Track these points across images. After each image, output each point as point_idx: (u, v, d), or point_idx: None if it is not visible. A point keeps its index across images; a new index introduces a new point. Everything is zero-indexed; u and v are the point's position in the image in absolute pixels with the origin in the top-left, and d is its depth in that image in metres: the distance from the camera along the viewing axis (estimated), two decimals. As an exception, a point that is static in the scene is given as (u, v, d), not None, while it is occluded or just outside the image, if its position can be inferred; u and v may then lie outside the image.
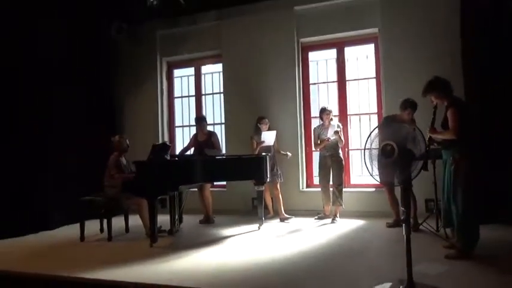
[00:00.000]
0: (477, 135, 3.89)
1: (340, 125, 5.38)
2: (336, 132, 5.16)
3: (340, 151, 5.27)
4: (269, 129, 5.56)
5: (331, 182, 5.28)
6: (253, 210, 5.63)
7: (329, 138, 5.20)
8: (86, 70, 6.22)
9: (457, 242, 3.42)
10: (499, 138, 4.52)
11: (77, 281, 3.28)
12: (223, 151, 6.04)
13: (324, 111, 5.29)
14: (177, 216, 5.01)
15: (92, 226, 4.90)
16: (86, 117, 6.12)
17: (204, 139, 5.58)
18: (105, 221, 4.73)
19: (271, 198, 5.73)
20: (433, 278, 2.83)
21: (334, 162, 5.22)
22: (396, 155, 2.60)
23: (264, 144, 5.40)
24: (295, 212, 5.72)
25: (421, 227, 4.41)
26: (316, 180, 5.94)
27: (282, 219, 5.43)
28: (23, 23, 5.31)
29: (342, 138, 5.28)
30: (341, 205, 5.21)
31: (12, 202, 5.06)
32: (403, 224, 2.64)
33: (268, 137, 5.39)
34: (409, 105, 4.41)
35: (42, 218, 5.32)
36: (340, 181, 5.22)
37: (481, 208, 3.54)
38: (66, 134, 5.81)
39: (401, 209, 2.71)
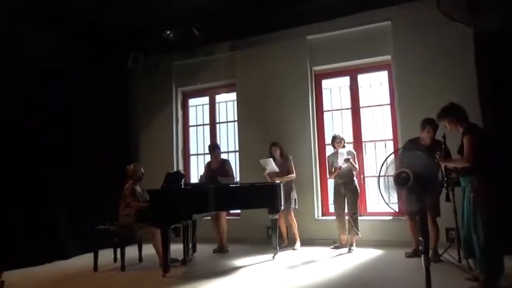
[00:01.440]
0: (495, 162, 3.78)
1: (353, 151, 5.31)
2: (347, 160, 5.10)
3: (355, 178, 5.19)
4: (283, 156, 5.53)
5: (346, 210, 5.17)
6: (268, 239, 5.53)
7: (340, 166, 5.14)
8: (102, 100, 6.40)
9: (480, 274, 3.26)
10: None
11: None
12: (237, 179, 6.03)
13: (335, 139, 5.28)
14: (190, 245, 4.97)
15: (106, 255, 4.89)
16: (101, 146, 6.25)
17: (217, 167, 5.60)
18: (118, 250, 4.71)
19: (286, 227, 5.63)
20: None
21: (348, 190, 5.13)
22: (411, 183, 2.54)
23: (268, 171, 5.37)
24: (311, 240, 5.60)
25: (442, 257, 4.24)
26: (331, 208, 5.83)
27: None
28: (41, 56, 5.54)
29: (356, 165, 5.21)
30: (357, 234, 5.08)
31: (27, 231, 5.11)
32: (422, 255, 2.54)
33: (267, 164, 5.35)
34: (427, 123, 4.39)
35: (58, 247, 5.34)
36: (355, 209, 5.12)
37: (505, 238, 3.37)
38: (81, 162, 5.93)
39: (420, 239, 2.62)
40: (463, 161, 3.30)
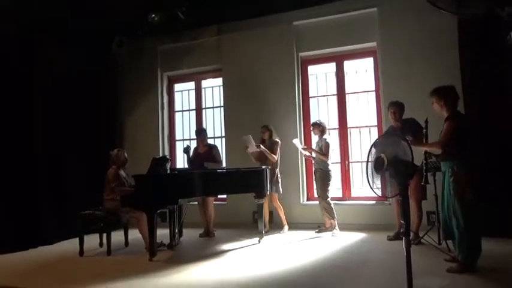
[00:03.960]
0: (476, 148, 3.89)
1: (325, 139, 5.27)
2: (304, 149, 5.38)
3: (326, 164, 5.22)
4: (271, 139, 5.56)
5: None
6: (254, 224, 5.60)
7: (305, 154, 5.46)
8: (86, 84, 6.28)
9: (458, 255, 3.39)
10: (499, 150, 4.53)
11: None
12: (224, 164, 6.04)
13: (311, 126, 5.43)
14: (176, 230, 4.99)
15: (91, 240, 4.88)
16: (85, 132, 6.16)
17: (204, 151, 5.59)
18: (104, 235, 4.71)
19: (270, 212, 5.68)
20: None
21: (319, 176, 5.24)
22: (385, 166, 2.62)
23: (250, 150, 5.40)
24: (296, 225, 5.69)
25: (422, 240, 4.37)
26: (316, 193, 5.91)
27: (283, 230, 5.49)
28: (25, 42, 5.39)
29: (313, 154, 5.36)
30: (330, 218, 5.18)
31: (11, 217, 5.05)
32: (403, 237, 2.62)
33: (247, 141, 5.38)
34: (390, 105, 4.60)
35: (41, 232, 5.29)
36: (324, 195, 5.18)
37: (482, 221, 3.50)
38: (65, 148, 5.85)
39: (401, 221, 2.69)
40: (437, 145, 3.40)
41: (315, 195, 5.66)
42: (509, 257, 3.71)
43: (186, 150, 5.48)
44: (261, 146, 5.38)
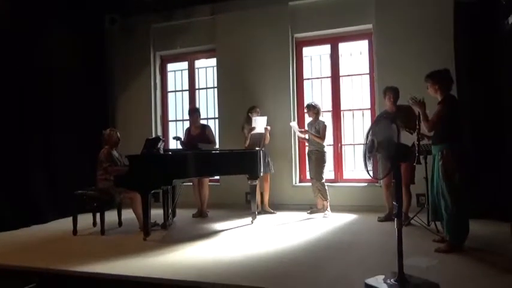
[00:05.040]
0: (466, 133, 3.96)
1: (322, 120, 5.34)
2: (302, 132, 5.42)
3: (322, 146, 5.28)
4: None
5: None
6: (247, 205, 5.66)
7: (299, 136, 5.57)
8: (79, 63, 6.17)
9: (446, 236, 3.49)
10: (489, 137, 4.60)
11: (70, 275, 3.28)
12: (217, 145, 6.05)
13: (306, 108, 5.47)
14: (170, 210, 5.02)
15: (85, 220, 4.88)
16: (77, 111, 6.08)
17: (197, 133, 5.56)
18: (98, 214, 4.71)
19: (261, 193, 5.74)
20: (423, 271, 2.88)
21: (314, 157, 5.29)
22: (375, 149, 2.67)
23: (255, 131, 5.42)
24: (288, 206, 5.78)
25: (412, 221, 4.47)
26: (308, 174, 5.97)
27: (266, 212, 5.56)
28: (15, 19, 5.26)
29: (307, 136, 5.43)
30: (323, 199, 5.26)
31: (3, 195, 5.02)
32: (395, 218, 2.68)
33: (259, 122, 5.41)
34: (387, 89, 4.64)
35: (34, 211, 5.28)
36: (318, 176, 5.25)
37: (470, 203, 3.59)
38: (58, 127, 5.79)
39: (394, 203, 2.75)
40: (427, 124, 3.46)
41: (307, 176, 5.74)
42: (494, 238, 3.82)
43: (177, 138, 5.46)
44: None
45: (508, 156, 4.24)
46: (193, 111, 5.72)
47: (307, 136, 5.41)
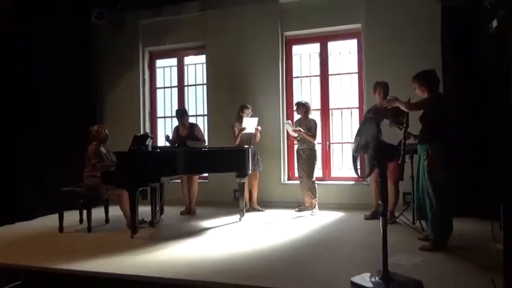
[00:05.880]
0: (452, 133, 4.03)
1: (313, 119, 5.39)
2: (295, 131, 5.32)
3: (313, 144, 5.32)
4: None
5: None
6: (235, 202, 5.66)
7: (291, 135, 5.47)
8: (65, 58, 6.08)
9: (430, 234, 3.55)
10: (473, 137, 4.69)
11: (56, 272, 3.26)
12: (206, 143, 6.03)
13: (295, 106, 5.47)
14: (158, 208, 5.00)
15: (72, 217, 4.84)
16: (65, 107, 5.99)
17: (186, 133, 5.53)
18: (84, 211, 4.67)
19: (249, 190, 5.75)
20: (408, 269, 2.94)
21: (305, 156, 5.31)
22: (360, 149, 2.71)
23: (245, 131, 5.42)
24: (277, 204, 5.80)
25: (398, 219, 4.54)
26: (297, 172, 6.01)
27: (254, 209, 5.57)
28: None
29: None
30: (312, 198, 5.30)
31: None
32: (380, 217, 2.72)
33: (250, 123, 5.41)
34: (377, 84, 4.67)
35: (20, 208, 5.21)
36: (311, 174, 5.28)
37: (454, 202, 3.66)
38: (45, 124, 5.70)
39: (379, 202, 2.80)
40: (407, 105, 3.52)
41: (296, 174, 5.77)
42: (477, 236, 3.90)
43: (167, 137, 5.43)
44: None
45: (488, 156, 4.34)
46: (182, 113, 5.65)
47: (297, 135, 5.41)
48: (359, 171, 2.90)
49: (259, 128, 5.52)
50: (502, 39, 2.09)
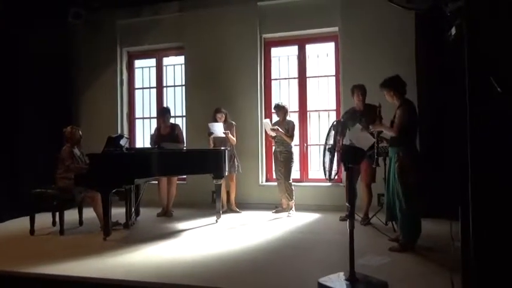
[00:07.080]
0: (423, 134, 4.10)
1: (291, 120, 5.42)
2: (272, 130, 5.30)
3: (290, 146, 5.35)
4: (227, 121, 5.57)
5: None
6: (213, 204, 5.65)
7: (270, 135, 5.43)
8: (41, 56, 5.96)
9: (400, 235, 3.62)
10: (442, 138, 4.78)
11: (25, 276, 3.20)
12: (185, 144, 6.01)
13: (274, 108, 5.49)
14: (133, 209, 4.96)
15: (44, 219, 4.74)
16: (40, 107, 5.89)
17: (167, 132, 5.50)
18: (57, 214, 4.60)
19: (227, 191, 5.74)
20: (374, 269, 3.00)
21: (282, 158, 5.34)
22: (326, 150, 2.77)
23: (215, 135, 5.42)
24: (255, 205, 5.82)
25: (372, 220, 4.61)
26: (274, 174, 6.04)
27: (232, 211, 5.59)
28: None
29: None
30: (289, 199, 5.33)
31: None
32: (347, 219, 2.77)
33: (216, 128, 5.40)
34: (355, 87, 4.74)
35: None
36: (288, 176, 5.32)
37: (424, 204, 3.73)
38: (18, 124, 5.59)
39: (347, 204, 2.84)
40: (391, 130, 3.57)
41: (273, 176, 5.80)
42: (444, 237, 3.96)
43: (151, 136, 5.40)
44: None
45: (448, 157, 4.42)
46: (165, 111, 5.62)
47: (274, 134, 5.41)
48: (327, 173, 2.94)
49: (228, 132, 5.48)
50: (459, 46, 2.15)
